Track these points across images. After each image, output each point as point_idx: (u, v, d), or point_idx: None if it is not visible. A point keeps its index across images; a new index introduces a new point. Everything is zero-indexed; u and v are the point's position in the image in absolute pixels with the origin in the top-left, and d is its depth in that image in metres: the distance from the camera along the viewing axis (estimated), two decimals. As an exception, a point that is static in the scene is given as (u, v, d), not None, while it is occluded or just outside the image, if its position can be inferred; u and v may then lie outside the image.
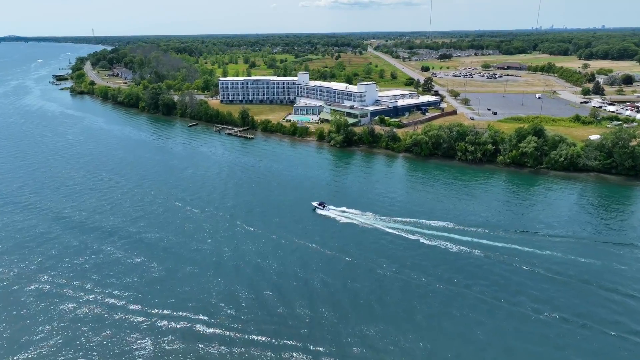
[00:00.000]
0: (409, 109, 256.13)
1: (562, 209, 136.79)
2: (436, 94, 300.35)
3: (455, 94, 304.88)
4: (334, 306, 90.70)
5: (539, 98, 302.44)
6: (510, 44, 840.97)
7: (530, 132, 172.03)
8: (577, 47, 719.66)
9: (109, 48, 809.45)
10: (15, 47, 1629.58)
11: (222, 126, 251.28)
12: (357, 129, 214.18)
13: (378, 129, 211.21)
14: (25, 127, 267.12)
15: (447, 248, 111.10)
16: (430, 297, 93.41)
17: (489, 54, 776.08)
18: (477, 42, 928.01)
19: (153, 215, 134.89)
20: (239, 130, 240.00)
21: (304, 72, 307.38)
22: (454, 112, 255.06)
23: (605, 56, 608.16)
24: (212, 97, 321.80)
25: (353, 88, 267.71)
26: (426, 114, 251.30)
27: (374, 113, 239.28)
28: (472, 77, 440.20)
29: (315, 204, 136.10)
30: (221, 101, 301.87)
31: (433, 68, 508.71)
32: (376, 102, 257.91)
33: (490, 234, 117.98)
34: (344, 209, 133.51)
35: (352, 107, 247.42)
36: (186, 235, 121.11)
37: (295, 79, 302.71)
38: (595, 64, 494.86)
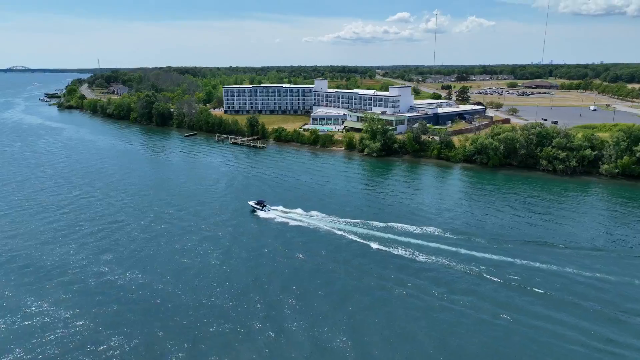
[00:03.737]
0: (451, 117, 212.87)
1: None
2: (478, 103, 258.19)
3: (497, 105, 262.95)
4: None
5: (594, 110, 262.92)
6: (524, 69, 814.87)
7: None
8: (596, 73, 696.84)
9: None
10: (19, 75, 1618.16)
11: (225, 135, 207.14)
12: (398, 136, 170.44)
13: (424, 137, 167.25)
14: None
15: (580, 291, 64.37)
16: None
17: (504, 79, 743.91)
18: (489, 68, 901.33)
19: (126, 245, 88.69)
20: (248, 139, 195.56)
21: (321, 79, 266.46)
22: (507, 121, 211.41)
23: (631, 79, 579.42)
24: (214, 108, 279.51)
25: (384, 92, 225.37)
26: (473, 122, 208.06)
27: (411, 120, 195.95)
28: (501, 94, 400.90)
29: (252, 203, 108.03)
30: (225, 111, 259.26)
31: (455, 87, 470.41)
32: (411, 109, 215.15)
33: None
34: (296, 209, 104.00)
35: (384, 113, 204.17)
36: (172, 277, 74.68)
37: (311, 86, 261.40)
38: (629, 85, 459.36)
